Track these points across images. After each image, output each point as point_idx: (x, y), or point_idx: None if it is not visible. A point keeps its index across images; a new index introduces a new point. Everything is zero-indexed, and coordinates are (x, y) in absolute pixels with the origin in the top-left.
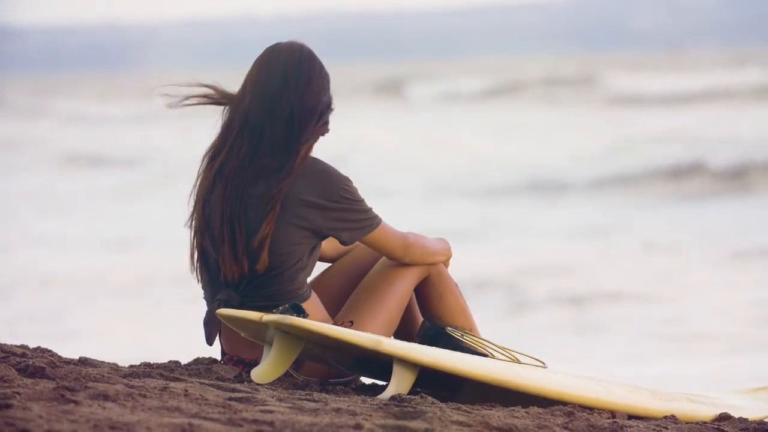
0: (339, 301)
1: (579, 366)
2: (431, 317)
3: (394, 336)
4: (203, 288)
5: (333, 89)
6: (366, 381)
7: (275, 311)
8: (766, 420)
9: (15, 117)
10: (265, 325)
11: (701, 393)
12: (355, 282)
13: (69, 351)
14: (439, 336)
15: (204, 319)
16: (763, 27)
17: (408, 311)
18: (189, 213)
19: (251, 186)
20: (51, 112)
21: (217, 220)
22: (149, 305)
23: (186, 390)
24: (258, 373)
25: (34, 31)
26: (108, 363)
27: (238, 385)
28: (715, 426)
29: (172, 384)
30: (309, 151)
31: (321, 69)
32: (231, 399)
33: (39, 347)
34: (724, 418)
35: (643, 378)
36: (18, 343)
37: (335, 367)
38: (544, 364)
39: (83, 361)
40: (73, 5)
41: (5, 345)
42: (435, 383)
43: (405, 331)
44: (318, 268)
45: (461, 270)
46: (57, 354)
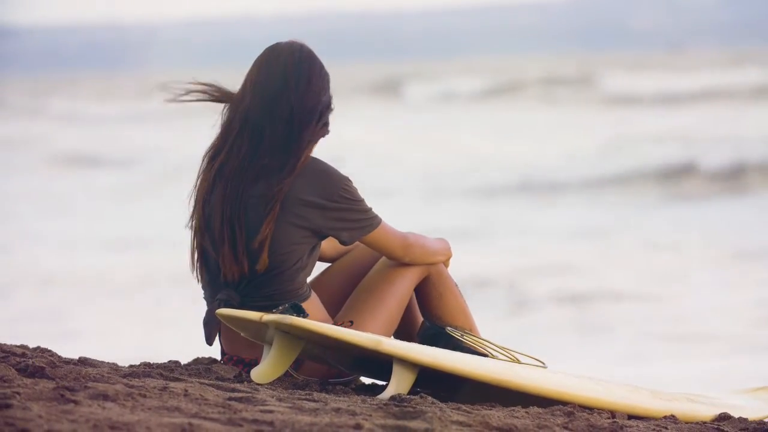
0: (339, 301)
1: (579, 366)
2: (431, 317)
3: (394, 336)
4: (203, 288)
5: (332, 89)
6: (366, 381)
7: (275, 311)
8: (765, 420)
9: (15, 117)
10: (265, 325)
11: (701, 393)
12: (355, 282)
13: (69, 351)
14: (439, 336)
15: (204, 319)
16: (763, 27)
17: (408, 311)
18: (189, 213)
19: (251, 186)
20: (51, 111)
21: (217, 220)
22: (149, 305)
23: (186, 390)
24: (258, 373)
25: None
26: (108, 363)
27: (237, 385)
28: (715, 426)
29: (171, 384)
30: (310, 153)
31: (321, 69)
32: (231, 399)
33: (39, 347)
34: (723, 418)
35: (643, 378)
36: (18, 343)
37: (335, 367)
38: (543, 364)
39: (83, 361)
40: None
41: (5, 345)
42: (435, 383)
43: (405, 331)
44: (318, 267)
45: (461, 270)
46: (57, 354)
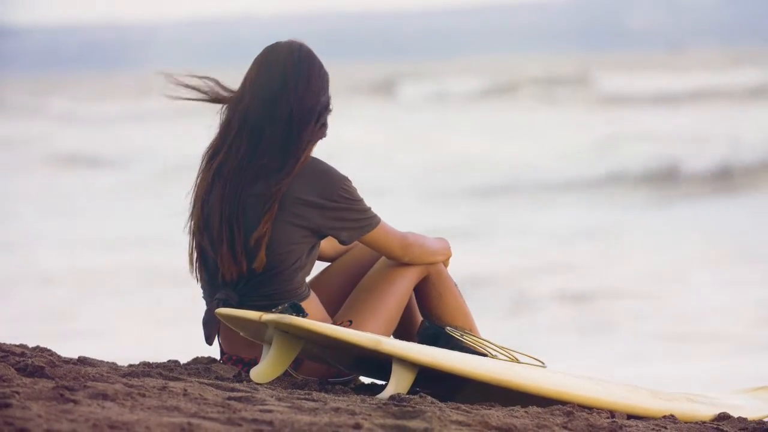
0: (338, 301)
1: (579, 366)
2: (430, 317)
3: (393, 335)
4: (202, 287)
5: (331, 90)
6: (365, 380)
7: (274, 310)
8: (765, 420)
9: (15, 116)
10: (264, 325)
11: (700, 393)
12: (355, 281)
13: (68, 350)
14: (439, 336)
15: (203, 319)
16: (762, 27)
17: (407, 311)
18: (188, 213)
19: (250, 186)
20: (51, 111)
21: (216, 220)
22: (149, 305)
23: (185, 389)
24: (257, 373)
25: (33, 31)
26: (107, 362)
27: (237, 385)
28: (715, 426)
29: (171, 383)
30: (309, 153)
31: (320, 69)
32: (230, 398)
33: (38, 346)
34: (723, 417)
35: (643, 378)
36: (18, 343)
37: (334, 367)
38: (543, 363)
39: (82, 361)
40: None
41: (4, 344)
42: (434, 383)
43: (404, 331)
44: (317, 267)
45: (458, 269)
46: (56, 353)
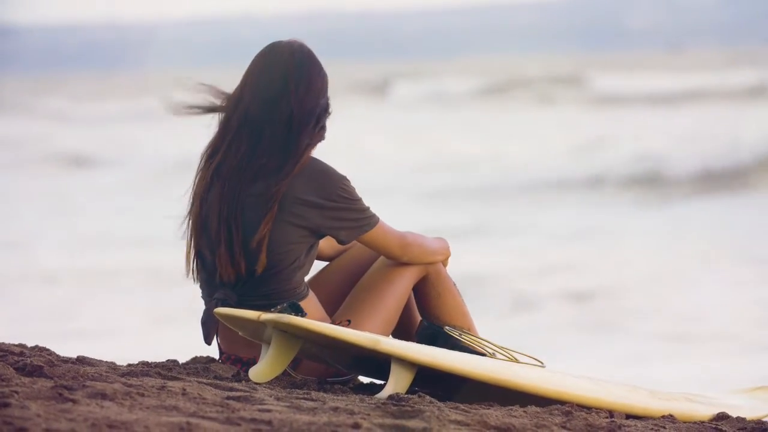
0: (337, 300)
1: (578, 366)
2: (429, 316)
3: (392, 335)
4: (200, 287)
5: (330, 90)
6: (364, 380)
7: (273, 310)
8: (764, 419)
9: (14, 116)
10: (263, 324)
11: (699, 392)
12: (353, 281)
13: (68, 350)
14: (437, 335)
15: (202, 318)
16: (762, 27)
17: (406, 310)
18: (186, 211)
19: (249, 185)
20: (50, 111)
21: (214, 219)
22: (148, 304)
23: (184, 389)
24: (256, 372)
25: (33, 31)
26: (106, 362)
27: (236, 384)
28: (713, 425)
29: (170, 383)
30: (309, 155)
31: (320, 70)
32: (229, 398)
33: (37, 346)
34: (722, 417)
35: (643, 378)
36: (17, 342)
37: (333, 366)
38: (542, 363)
39: (81, 360)
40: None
41: (3, 344)
42: (433, 382)
43: (403, 331)
44: (316, 266)
45: (458, 269)
46: (55, 353)
